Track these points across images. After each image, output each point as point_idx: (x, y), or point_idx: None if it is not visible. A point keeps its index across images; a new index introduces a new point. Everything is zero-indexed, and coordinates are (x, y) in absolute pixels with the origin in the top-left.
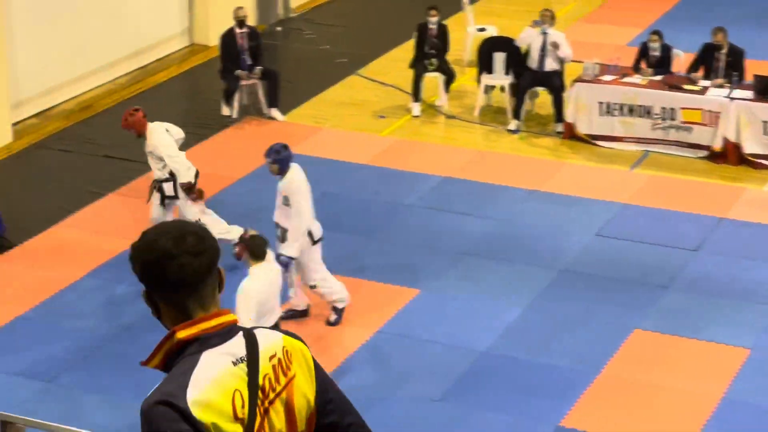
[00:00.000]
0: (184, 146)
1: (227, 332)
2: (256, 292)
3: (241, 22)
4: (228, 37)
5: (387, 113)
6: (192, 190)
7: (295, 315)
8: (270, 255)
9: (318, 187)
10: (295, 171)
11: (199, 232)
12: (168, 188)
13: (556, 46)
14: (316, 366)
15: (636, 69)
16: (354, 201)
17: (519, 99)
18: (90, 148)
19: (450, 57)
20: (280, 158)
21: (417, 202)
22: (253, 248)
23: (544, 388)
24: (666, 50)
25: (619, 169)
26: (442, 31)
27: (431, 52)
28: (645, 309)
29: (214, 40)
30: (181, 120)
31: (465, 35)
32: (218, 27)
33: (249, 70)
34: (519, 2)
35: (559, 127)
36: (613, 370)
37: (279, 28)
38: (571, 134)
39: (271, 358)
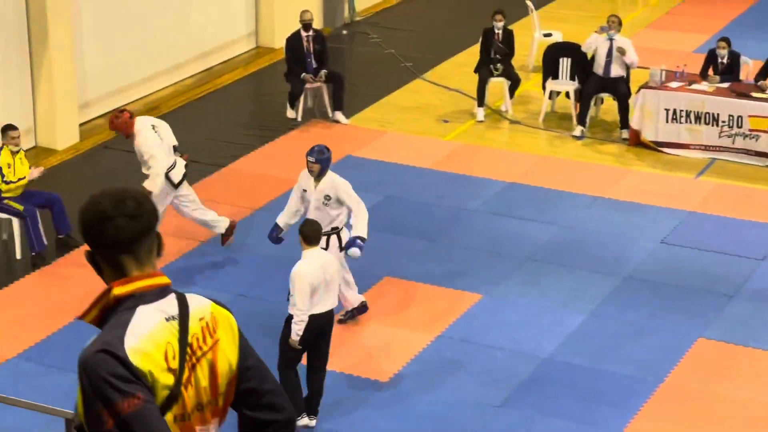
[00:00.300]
0: (247, 149)
1: (161, 292)
2: (306, 273)
3: (307, 25)
4: (294, 40)
5: (451, 118)
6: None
7: (353, 314)
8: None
9: (381, 191)
10: (330, 171)
11: (139, 197)
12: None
13: (622, 51)
14: (240, 335)
15: (703, 76)
16: (417, 205)
17: (584, 105)
18: None
19: (515, 62)
20: (323, 159)
21: (480, 207)
22: (307, 232)
23: (607, 395)
24: (734, 57)
25: (684, 177)
26: (508, 35)
27: (496, 57)
28: (710, 318)
29: (279, 43)
30: (246, 122)
31: (531, 40)
32: (284, 30)
33: (314, 73)
34: (585, 8)
35: (625, 134)
36: (677, 379)
37: (345, 32)
38: (636, 141)
39: (200, 319)
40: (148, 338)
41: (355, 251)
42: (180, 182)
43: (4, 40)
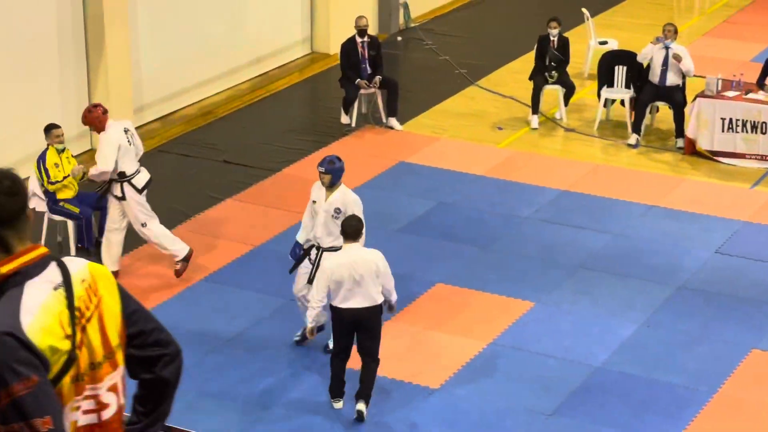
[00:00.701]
0: (301, 154)
1: (43, 263)
2: (328, 268)
3: (362, 31)
4: (349, 46)
5: (505, 125)
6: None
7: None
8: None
9: (434, 197)
10: (343, 185)
11: (13, 176)
12: (117, 189)
13: (678, 58)
14: (118, 284)
15: (760, 85)
16: (470, 212)
17: (639, 113)
18: (210, 153)
19: (570, 70)
20: (333, 169)
21: (533, 215)
22: (345, 228)
23: (659, 405)
24: None
25: (740, 187)
26: (563, 43)
27: (551, 65)
28: (764, 329)
29: (334, 49)
30: (300, 127)
31: (586, 48)
32: (339, 36)
33: (369, 79)
34: (641, 16)
35: (680, 143)
36: (730, 389)
37: (399, 38)
38: (692, 150)
39: (82, 281)
40: (42, 311)
41: None
42: (143, 189)
43: (61, 44)
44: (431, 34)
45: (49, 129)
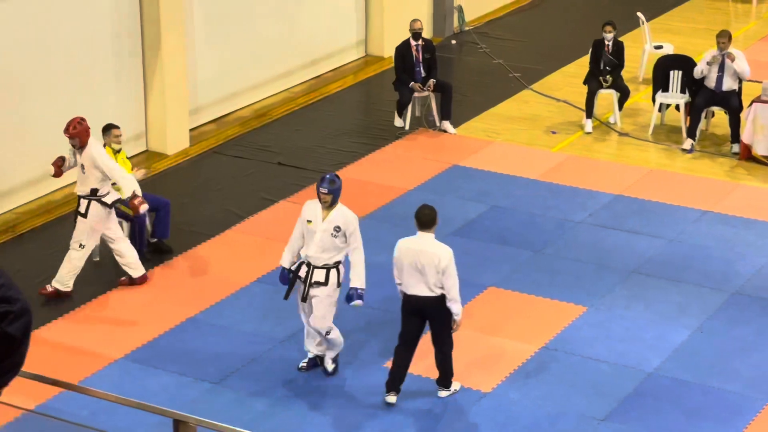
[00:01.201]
0: (354, 157)
1: None
2: (397, 249)
3: (416, 35)
4: (403, 49)
5: (559, 129)
6: (135, 198)
7: (316, 363)
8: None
9: (487, 201)
10: (340, 203)
11: None
12: (83, 205)
13: (732, 58)
14: None
15: None
16: (523, 215)
17: (694, 118)
18: (264, 155)
19: (625, 74)
20: (335, 188)
21: (587, 219)
22: (418, 216)
23: (713, 412)
24: None
25: None
26: (618, 47)
27: (606, 69)
28: None
29: (388, 52)
30: (353, 130)
31: (641, 52)
32: (393, 39)
33: (423, 83)
34: (697, 20)
35: (735, 148)
36: None
37: (454, 41)
38: (747, 155)
39: None
40: None
41: (358, 303)
42: (111, 204)
43: (118, 46)
44: (485, 38)
45: (109, 128)
